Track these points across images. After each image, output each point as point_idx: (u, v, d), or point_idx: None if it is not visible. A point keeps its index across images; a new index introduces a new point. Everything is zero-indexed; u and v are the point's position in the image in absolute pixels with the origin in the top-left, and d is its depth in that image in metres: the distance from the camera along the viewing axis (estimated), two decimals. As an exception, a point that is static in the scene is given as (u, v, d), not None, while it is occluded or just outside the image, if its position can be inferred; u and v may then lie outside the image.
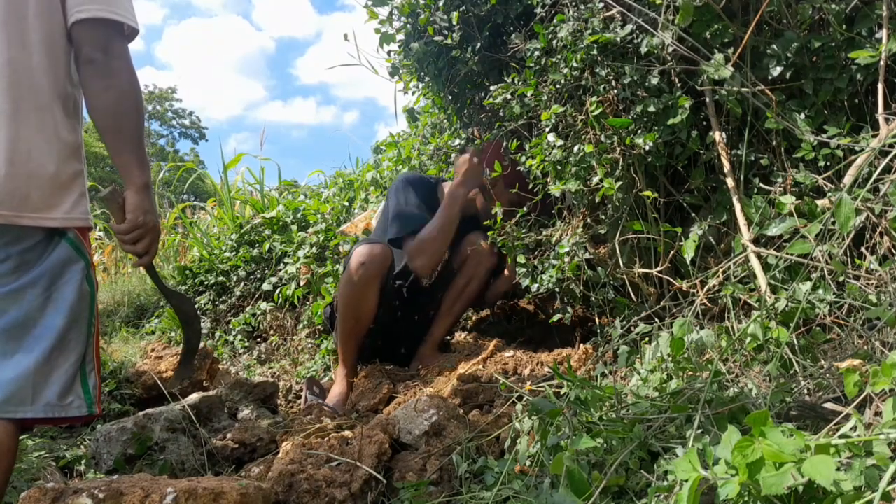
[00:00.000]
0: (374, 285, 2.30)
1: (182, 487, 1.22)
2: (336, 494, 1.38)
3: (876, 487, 0.75)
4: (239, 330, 3.78)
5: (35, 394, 1.31)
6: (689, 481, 0.85)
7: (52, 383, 1.33)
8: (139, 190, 1.35)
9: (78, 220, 1.36)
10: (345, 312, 2.38)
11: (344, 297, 2.36)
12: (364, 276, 2.27)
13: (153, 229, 1.39)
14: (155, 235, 1.40)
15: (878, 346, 1.36)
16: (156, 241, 1.41)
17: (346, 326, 2.39)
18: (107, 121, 1.33)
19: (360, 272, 2.27)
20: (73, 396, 1.36)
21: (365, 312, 2.35)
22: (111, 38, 1.31)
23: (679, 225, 1.99)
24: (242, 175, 6.28)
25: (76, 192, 1.35)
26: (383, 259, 2.30)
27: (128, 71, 1.34)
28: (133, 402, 2.43)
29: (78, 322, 1.37)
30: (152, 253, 1.42)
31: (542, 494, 1.14)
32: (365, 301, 2.32)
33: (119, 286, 5.04)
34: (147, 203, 1.36)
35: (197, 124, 40.01)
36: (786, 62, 1.74)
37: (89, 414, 1.39)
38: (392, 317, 2.46)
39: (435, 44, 2.52)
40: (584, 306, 2.28)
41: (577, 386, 1.30)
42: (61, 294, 1.34)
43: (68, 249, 1.36)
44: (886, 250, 1.53)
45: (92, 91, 1.31)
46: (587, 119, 1.96)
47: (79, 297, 1.36)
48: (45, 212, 1.30)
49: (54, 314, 1.33)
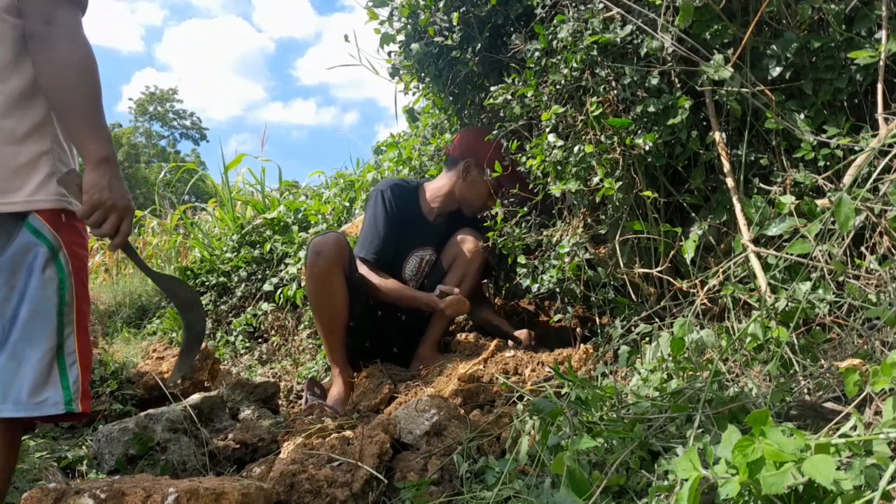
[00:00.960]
0: (335, 274, 2.30)
1: (184, 488, 1.22)
2: (337, 494, 1.38)
3: (876, 487, 0.75)
4: (240, 330, 3.78)
5: (3, 391, 1.26)
6: (690, 480, 0.86)
7: (21, 378, 1.27)
8: (96, 165, 1.24)
9: (43, 203, 1.27)
10: (316, 308, 2.40)
11: (311, 294, 2.38)
12: (322, 266, 2.28)
13: (116, 207, 1.26)
14: (121, 213, 1.27)
15: (878, 346, 1.36)
16: (124, 219, 1.28)
17: (322, 321, 2.40)
18: (51, 96, 1.24)
19: (317, 262, 2.29)
20: (50, 392, 1.29)
21: (335, 303, 2.34)
22: (56, 7, 1.23)
23: (679, 225, 1.99)
24: (243, 176, 6.28)
25: (41, 173, 1.28)
26: (337, 247, 2.30)
27: (72, 41, 1.24)
28: (134, 402, 2.43)
29: (42, 311, 1.29)
30: (124, 232, 1.29)
31: (543, 494, 1.14)
32: (330, 291, 2.32)
33: (120, 287, 5.05)
34: (105, 179, 1.24)
35: (198, 125, 40.05)
36: (785, 62, 1.75)
37: (68, 412, 1.31)
38: (372, 316, 2.46)
39: (435, 44, 2.52)
40: (584, 306, 2.28)
41: (578, 386, 1.30)
42: (20, 281, 1.28)
43: (27, 234, 1.28)
44: (886, 250, 1.53)
45: (36, 66, 1.24)
46: (587, 119, 1.96)
47: (40, 284, 1.28)
48: (3, 197, 1.24)
49: (17, 304, 1.27)
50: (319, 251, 2.28)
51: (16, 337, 1.27)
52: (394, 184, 2.57)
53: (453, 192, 2.56)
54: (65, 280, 1.32)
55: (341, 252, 2.30)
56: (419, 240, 2.57)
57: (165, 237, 6.36)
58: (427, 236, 2.57)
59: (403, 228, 2.51)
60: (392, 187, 2.55)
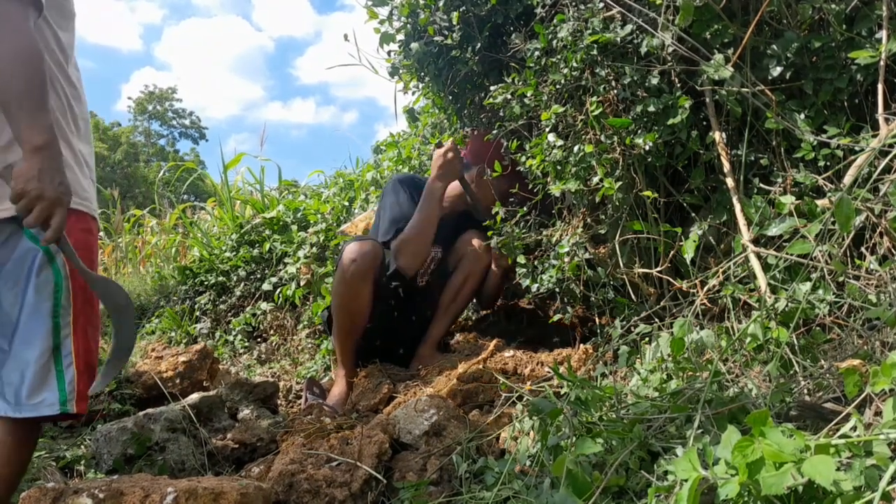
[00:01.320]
0: (367, 282, 2.31)
1: (182, 487, 1.22)
2: (336, 494, 1.38)
3: (876, 487, 0.75)
4: (239, 330, 3.78)
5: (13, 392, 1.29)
6: (689, 481, 0.85)
7: (23, 379, 1.29)
8: (31, 154, 1.20)
9: None
10: (339, 311, 2.38)
11: (338, 296, 2.37)
12: (356, 273, 2.28)
13: (43, 197, 1.20)
14: (49, 204, 1.21)
15: (878, 346, 1.36)
16: (52, 211, 1.22)
17: (342, 325, 2.39)
18: None
19: (352, 269, 2.28)
20: (46, 393, 1.31)
21: (359, 310, 2.35)
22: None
23: (679, 225, 1.99)
24: (242, 175, 6.28)
25: None
26: (374, 255, 2.30)
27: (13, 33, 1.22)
28: (133, 401, 2.43)
29: (37, 313, 1.32)
30: (55, 228, 1.23)
31: (543, 494, 1.14)
32: (358, 298, 2.33)
33: (119, 286, 5.03)
34: (35, 168, 1.20)
35: (197, 124, 40.03)
36: (786, 62, 1.74)
37: (62, 412, 1.32)
38: (389, 317, 2.46)
39: (435, 44, 2.52)
40: (584, 306, 2.28)
41: (578, 386, 1.30)
42: (21, 286, 1.31)
43: (25, 239, 1.31)
44: (886, 250, 1.53)
45: None
46: (587, 119, 1.96)
47: (35, 287, 1.31)
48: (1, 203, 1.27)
49: (17, 306, 1.31)
50: (355, 258, 2.28)
51: (17, 339, 1.30)
52: (408, 176, 2.61)
53: (464, 195, 2.56)
54: (61, 283, 1.34)
55: (376, 261, 2.32)
56: None
57: (164, 236, 6.36)
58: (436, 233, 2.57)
59: None
60: (408, 178, 2.59)
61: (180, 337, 3.92)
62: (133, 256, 6.60)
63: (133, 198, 22.64)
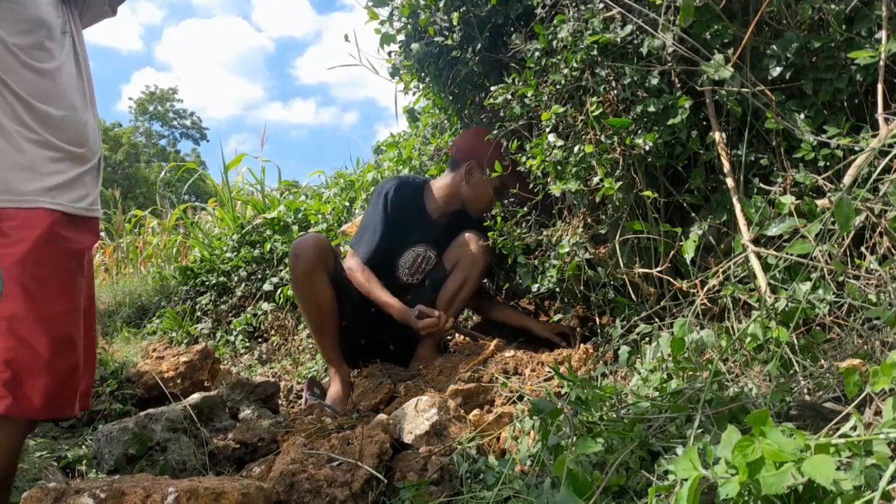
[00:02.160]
0: (318, 274, 2.32)
1: (183, 487, 1.22)
2: (337, 494, 1.38)
3: (876, 487, 0.75)
4: (240, 330, 3.78)
5: None
6: (690, 480, 0.86)
7: None
8: None
9: None
10: (303, 308, 2.43)
11: (297, 295, 2.42)
12: (302, 268, 2.31)
13: None
14: None
15: (878, 346, 1.36)
16: None
17: (312, 322, 2.43)
18: None
19: (298, 264, 2.32)
20: None
21: (321, 303, 2.36)
22: None
23: (679, 225, 1.99)
24: (243, 175, 6.29)
25: None
26: (316, 248, 2.31)
27: None
28: (134, 401, 2.44)
29: None
30: None
31: (543, 494, 1.14)
32: (314, 292, 2.34)
33: (120, 286, 5.05)
34: None
35: (198, 125, 40.05)
36: (786, 62, 1.74)
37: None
38: (366, 314, 2.46)
39: (435, 44, 2.52)
40: (584, 306, 2.28)
41: (578, 386, 1.30)
42: None
43: None
44: (886, 250, 1.53)
45: None
46: (587, 119, 1.96)
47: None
48: None
49: None
50: (298, 253, 2.32)
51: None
52: (400, 182, 2.57)
53: (457, 194, 2.56)
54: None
55: (321, 252, 2.32)
56: (419, 236, 2.57)
57: (165, 237, 6.37)
58: (428, 233, 2.57)
59: (403, 225, 2.51)
60: (397, 187, 2.54)
61: (181, 337, 3.93)
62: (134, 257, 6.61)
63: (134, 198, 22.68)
